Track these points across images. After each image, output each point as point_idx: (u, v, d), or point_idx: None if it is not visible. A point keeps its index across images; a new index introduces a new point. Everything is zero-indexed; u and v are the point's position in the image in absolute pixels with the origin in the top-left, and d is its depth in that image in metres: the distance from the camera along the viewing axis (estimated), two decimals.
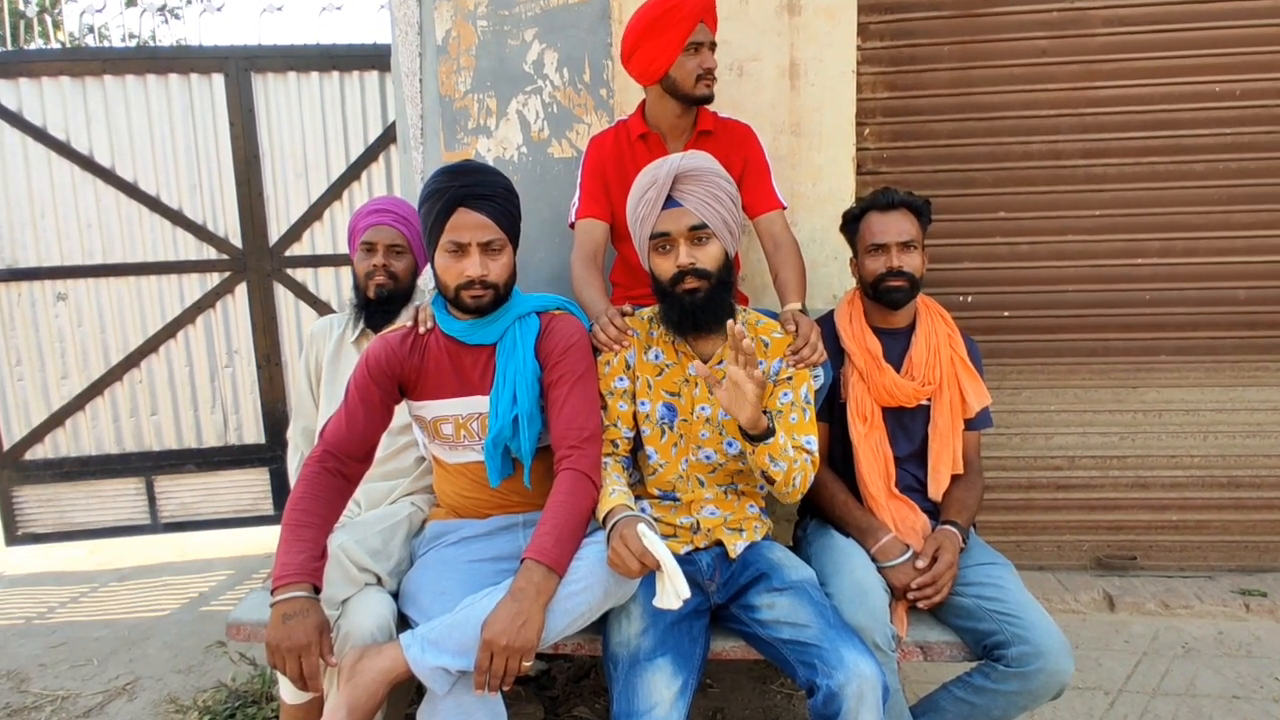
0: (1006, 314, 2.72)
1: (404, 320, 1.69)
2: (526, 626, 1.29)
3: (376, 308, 1.93)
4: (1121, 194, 2.65)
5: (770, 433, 1.47)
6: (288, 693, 1.57)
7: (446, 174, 1.52)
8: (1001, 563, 1.68)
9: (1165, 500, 2.77)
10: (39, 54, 3.21)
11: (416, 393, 1.62)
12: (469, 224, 1.50)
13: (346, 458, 1.52)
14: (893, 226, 1.77)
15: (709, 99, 1.97)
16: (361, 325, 1.97)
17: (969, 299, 2.72)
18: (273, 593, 1.32)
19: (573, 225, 2.07)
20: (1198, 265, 2.67)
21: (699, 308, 1.55)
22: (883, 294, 1.78)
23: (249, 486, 3.56)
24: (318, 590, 1.35)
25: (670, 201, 1.54)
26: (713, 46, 1.94)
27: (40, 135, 3.23)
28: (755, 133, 2.07)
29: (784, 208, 2.06)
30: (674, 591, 1.33)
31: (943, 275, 2.66)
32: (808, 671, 1.37)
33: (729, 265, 1.59)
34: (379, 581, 1.56)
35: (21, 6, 3.55)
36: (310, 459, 1.49)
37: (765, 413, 1.48)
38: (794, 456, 1.52)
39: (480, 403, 1.60)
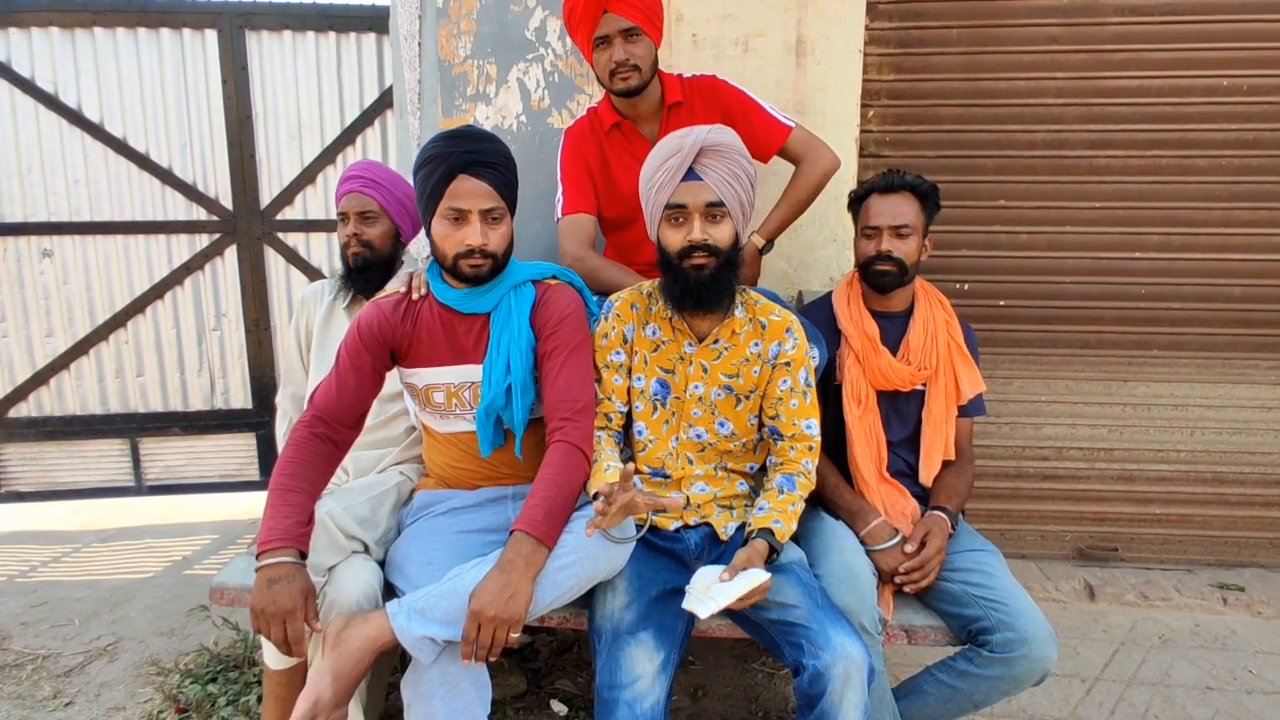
0: (1002, 303, 2.72)
1: (396, 286, 1.66)
2: (515, 598, 1.29)
3: (357, 276, 1.91)
4: (1123, 186, 2.64)
5: (778, 549, 1.50)
6: (272, 658, 1.56)
7: (447, 139, 1.49)
8: (989, 550, 1.69)
9: (1149, 494, 2.80)
10: (28, 3, 3.12)
11: (408, 360, 1.60)
12: (470, 191, 1.47)
13: (336, 424, 1.50)
14: (888, 210, 1.75)
15: (630, 93, 1.89)
16: (352, 292, 1.94)
17: (966, 287, 2.71)
18: (258, 557, 1.31)
19: (559, 220, 2.04)
20: (1195, 261, 2.67)
21: (704, 284, 1.53)
22: (870, 277, 1.78)
23: (235, 451, 3.54)
24: (304, 556, 1.34)
25: (691, 174, 1.51)
26: (627, 34, 1.83)
27: (28, 87, 3.16)
28: (722, 79, 2.02)
29: (793, 128, 2.00)
30: (706, 599, 1.37)
31: (941, 262, 2.65)
32: (794, 651, 1.38)
33: (737, 246, 1.57)
34: (366, 550, 1.55)
35: None
36: (299, 424, 1.47)
37: (766, 533, 1.49)
38: (785, 501, 1.56)
39: (473, 371, 1.58)
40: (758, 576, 1.38)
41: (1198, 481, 2.78)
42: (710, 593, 1.38)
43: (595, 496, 1.41)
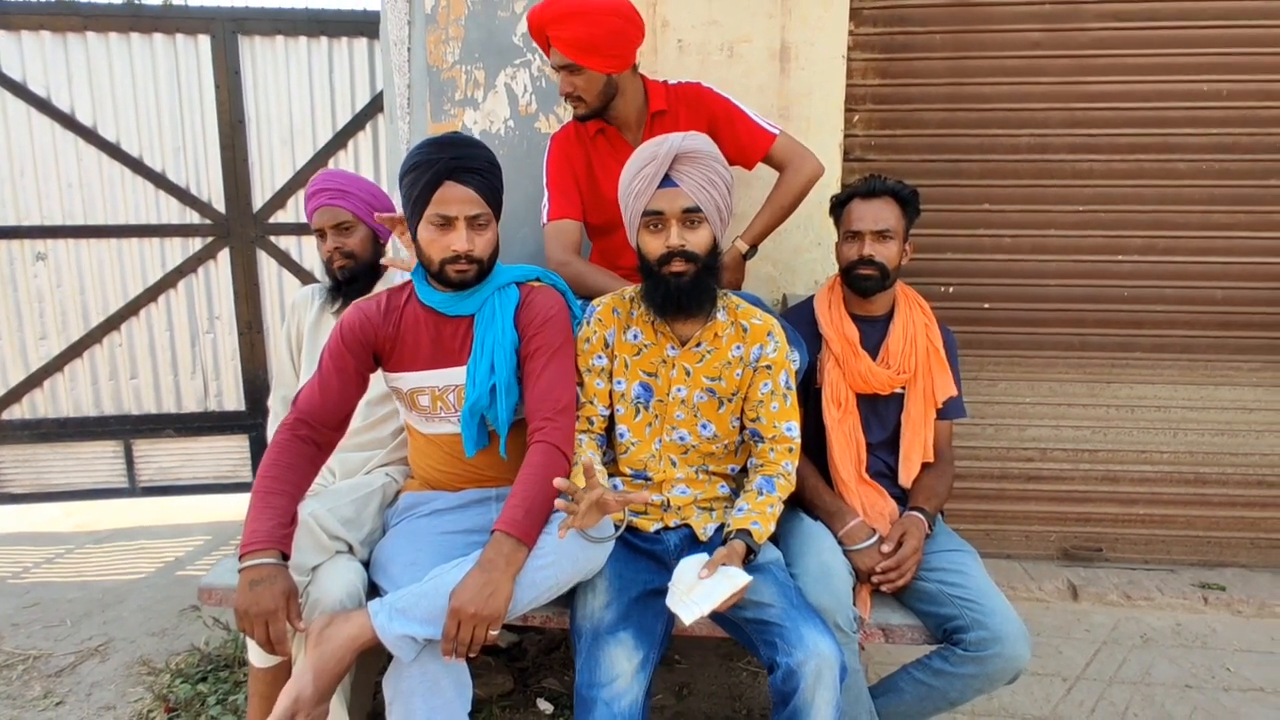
0: (987, 306, 2.75)
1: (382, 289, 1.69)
2: (494, 596, 1.31)
3: (347, 287, 1.93)
4: (1106, 190, 2.67)
5: (755, 549, 1.51)
6: (256, 656, 1.58)
7: (433, 146, 1.51)
8: (966, 550, 1.71)
9: (1133, 494, 2.83)
10: (18, 6, 3.14)
11: (392, 363, 1.62)
12: (456, 198, 1.49)
13: (319, 425, 1.52)
14: (870, 214, 1.77)
15: (581, 120, 1.99)
16: (340, 299, 1.96)
17: (951, 289, 2.74)
18: (241, 559, 1.33)
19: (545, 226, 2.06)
20: (1177, 264, 2.70)
21: (684, 290, 1.55)
22: (852, 281, 1.80)
23: (228, 453, 3.56)
24: (286, 557, 1.36)
25: (667, 180, 1.54)
26: (569, 69, 1.89)
27: (19, 90, 3.17)
28: (707, 87, 2.05)
29: (777, 135, 2.02)
30: (689, 603, 1.38)
31: (926, 265, 2.68)
32: (769, 650, 1.40)
33: (716, 251, 1.59)
34: (350, 550, 1.58)
35: None
36: (282, 426, 1.49)
37: (744, 534, 1.50)
38: (764, 502, 1.57)
39: (458, 374, 1.60)
40: (740, 579, 1.40)
41: (1181, 482, 2.81)
42: (694, 595, 1.40)
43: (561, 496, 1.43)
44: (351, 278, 1.93)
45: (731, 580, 1.40)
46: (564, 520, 1.32)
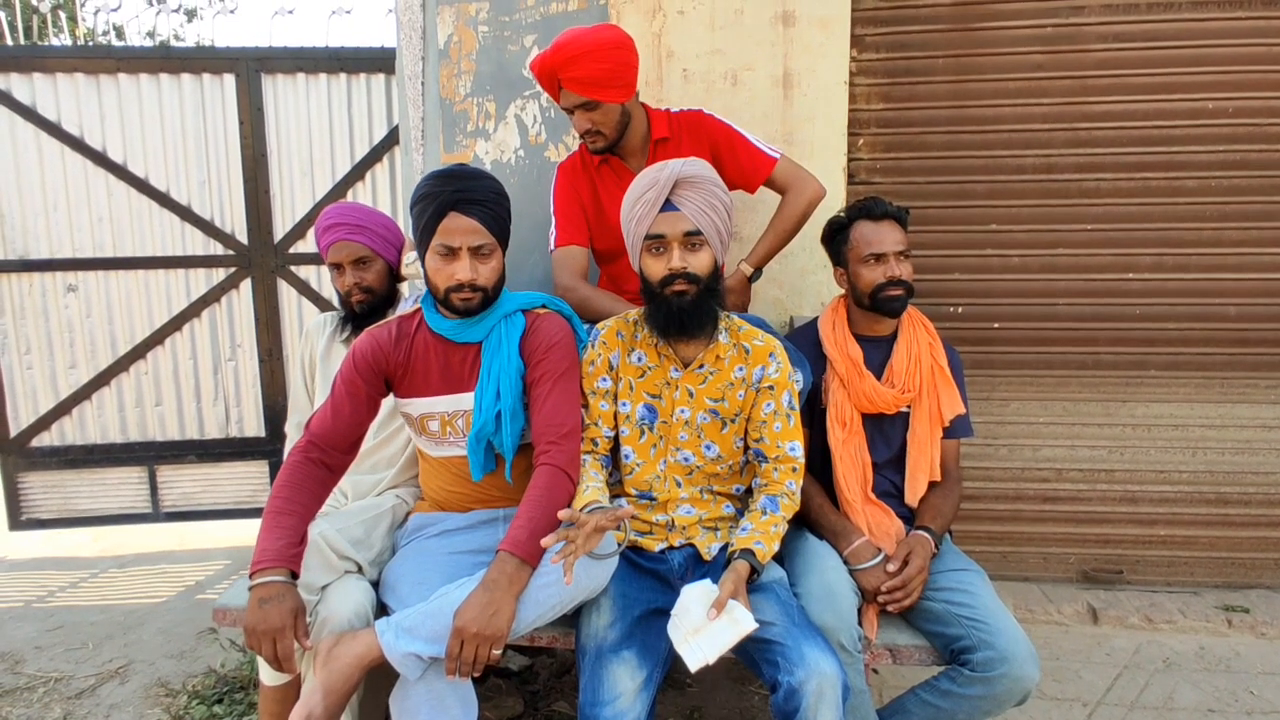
0: (997, 325, 2.74)
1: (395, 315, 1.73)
2: (497, 616, 1.33)
3: (364, 320, 1.96)
4: (1114, 209, 2.66)
5: (759, 569, 1.51)
6: (266, 674, 1.61)
7: (438, 178, 1.56)
8: (973, 569, 1.70)
9: (1153, 515, 2.78)
10: (54, 50, 3.29)
11: (403, 389, 1.66)
12: (460, 228, 1.54)
13: (330, 449, 1.56)
14: (889, 236, 1.79)
15: (599, 153, 2.03)
16: (351, 327, 2.01)
17: (959, 310, 2.74)
18: (251, 577, 1.36)
19: (552, 252, 2.10)
20: (1189, 281, 2.68)
21: (686, 311, 1.58)
22: (883, 303, 1.79)
23: (248, 478, 3.62)
24: (295, 576, 1.40)
25: (668, 205, 1.57)
26: (585, 107, 1.93)
27: (54, 130, 3.31)
28: (708, 113, 2.09)
29: (778, 159, 2.05)
30: (695, 646, 1.39)
31: (934, 286, 2.69)
32: (771, 669, 1.40)
33: (717, 273, 1.63)
34: (359, 570, 1.60)
35: (35, 1, 3.63)
36: (295, 449, 1.54)
37: (747, 553, 1.51)
38: (768, 522, 1.57)
39: (466, 400, 1.63)
40: (746, 625, 1.39)
41: (1201, 502, 2.76)
42: (700, 639, 1.39)
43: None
44: (371, 310, 1.97)
45: (737, 627, 1.39)
46: (565, 563, 1.32)
